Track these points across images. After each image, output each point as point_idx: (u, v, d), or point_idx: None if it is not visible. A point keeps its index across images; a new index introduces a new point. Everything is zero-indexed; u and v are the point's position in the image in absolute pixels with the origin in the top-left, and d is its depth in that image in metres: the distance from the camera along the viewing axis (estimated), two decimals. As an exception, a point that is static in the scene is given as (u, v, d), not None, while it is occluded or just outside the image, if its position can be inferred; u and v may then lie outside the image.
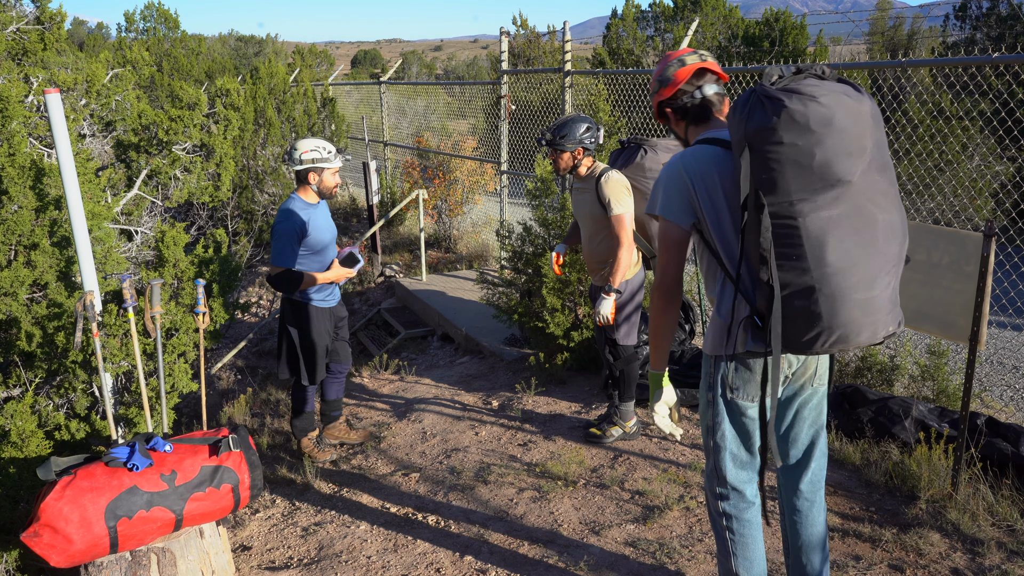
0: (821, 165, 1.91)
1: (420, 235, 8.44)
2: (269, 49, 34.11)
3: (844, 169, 1.92)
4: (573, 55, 7.30)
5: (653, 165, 3.97)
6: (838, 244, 1.95)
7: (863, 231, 1.97)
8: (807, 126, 1.89)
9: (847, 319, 2.00)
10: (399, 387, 5.68)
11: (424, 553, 3.35)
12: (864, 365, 4.75)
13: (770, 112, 1.92)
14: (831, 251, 1.95)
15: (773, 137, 1.92)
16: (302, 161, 3.98)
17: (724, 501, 2.39)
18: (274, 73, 10.89)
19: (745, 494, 2.38)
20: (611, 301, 3.92)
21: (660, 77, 2.36)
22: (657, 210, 2.26)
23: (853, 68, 5.21)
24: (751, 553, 2.39)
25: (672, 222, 2.23)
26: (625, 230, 3.90)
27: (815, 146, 1.90)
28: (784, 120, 1.90)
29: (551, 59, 16.90)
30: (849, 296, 1.98)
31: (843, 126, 1.90)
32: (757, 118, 1.94)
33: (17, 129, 4.44)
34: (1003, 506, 3.29)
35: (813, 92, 1.90)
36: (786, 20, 15.73)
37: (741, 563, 2.39)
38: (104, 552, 2.77)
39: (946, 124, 8.66)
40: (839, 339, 2.03)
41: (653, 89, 2.41)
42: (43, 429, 3.72)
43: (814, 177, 1.92)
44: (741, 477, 2.37)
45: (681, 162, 2.25)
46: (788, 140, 1.91)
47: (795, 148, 1.91)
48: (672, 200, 2.23)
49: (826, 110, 1.89)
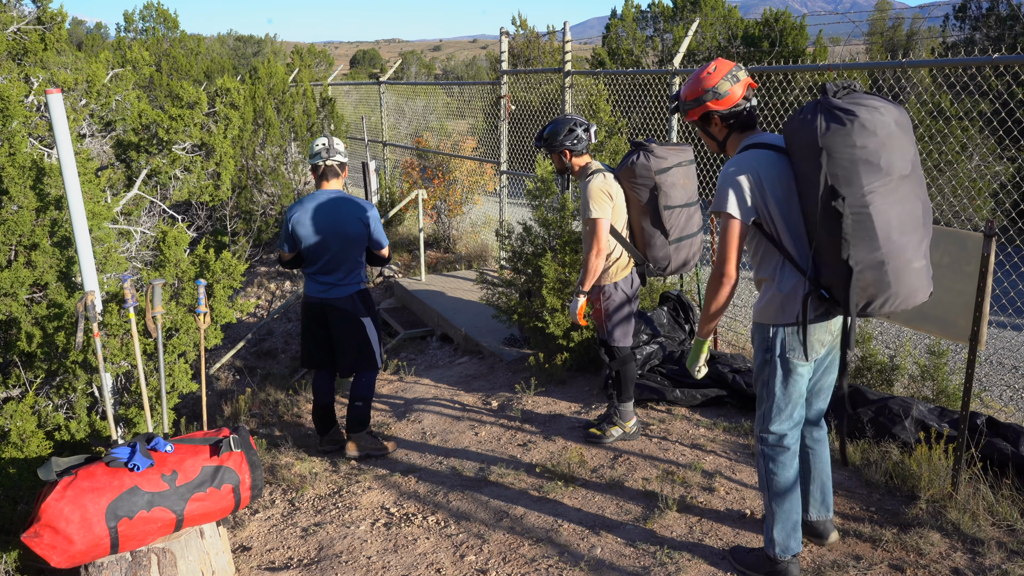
0: (887, 163, 2.39)
1: (419, 235, 8.44)
2: (268, 49, 34.11)
3: (900, 166, 2.41)
4: (573, 55, 7.30)
5: (644, 172, 3.92)
6: (899, 225, 2.44)
7: (913, 214, 2.47)
8: (875, 132, 2.37)
9: (909, 285, 2.50)
10: (398, 387, 5.68)
11: (424, 553, 3.35)
12: (864, 365, 4.75)
13: (846, 121, 2.38)
14: (894, 231, 2.43)
15: (849, 141, 2.37)
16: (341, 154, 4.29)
17: (767, 444, 2.87)
18: (273, 73, 10.89)
19: (786, 437, 2.85)
20: (579, 302, 3.99)
21: (712, 89, 2.75)
22: (726, 208, 2.63)
23: (853, 68, 5.22)
24: (790, 484, 2.88)
25: (739, 219, 2.63)
26: (596, 234, 3.90)
27: (880, 148, 2.37)
28: (857, 128, 2.37)
29: (551, 59, 16.90)
30: (909, 267, 2.49)
31: (896, 132, 2.40)
32: (834, 126, 2.38)
33: (18, 129, 4.44)
34: (1003, 506, 3.30)
35: (874, 104, 2.39)
36: (785, 20, 15.75)
37: (776, 499, 2.86)
38: (105, 552, 2.77)
39: (946, 124, 8.67)
40: (902, 301, 2.53)
41: (699, 98, 2.78)
42: (43, 429, 3.72)
43: (881, 173, 2.39)
44: (783, 426, 2.84)
45: (747, 166, 2.64)
46: (860, 143, 2.37)
47: (866, 150, 2.37)
48: (739, 200, 2.63)
49: (885, 119, 2.38)
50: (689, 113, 2.85)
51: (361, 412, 4.40)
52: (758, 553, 3.03)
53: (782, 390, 2.79)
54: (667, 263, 4.04)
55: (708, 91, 2.77)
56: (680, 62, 6.38)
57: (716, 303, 2.74)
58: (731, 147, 2.86)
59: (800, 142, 2.50)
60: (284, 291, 9.71)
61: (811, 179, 2.47)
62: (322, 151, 4.20)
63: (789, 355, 2.74)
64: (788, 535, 2.88)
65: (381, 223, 4.36)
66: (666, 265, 4.05)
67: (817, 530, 3.15)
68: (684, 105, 2.86)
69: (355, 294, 4.30)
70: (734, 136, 2.82)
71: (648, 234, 4.00)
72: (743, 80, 2.76)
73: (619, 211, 4.01)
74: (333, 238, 4.16)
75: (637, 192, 3.95)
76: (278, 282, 9.91)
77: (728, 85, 2.75)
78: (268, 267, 10.29)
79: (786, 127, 2.59)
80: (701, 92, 2.78)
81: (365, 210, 4.22)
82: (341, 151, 4.24)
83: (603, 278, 4.07)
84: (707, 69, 2.79)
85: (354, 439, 4.39)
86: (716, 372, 4.78)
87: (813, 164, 2.45)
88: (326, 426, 4.52)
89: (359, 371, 4.39)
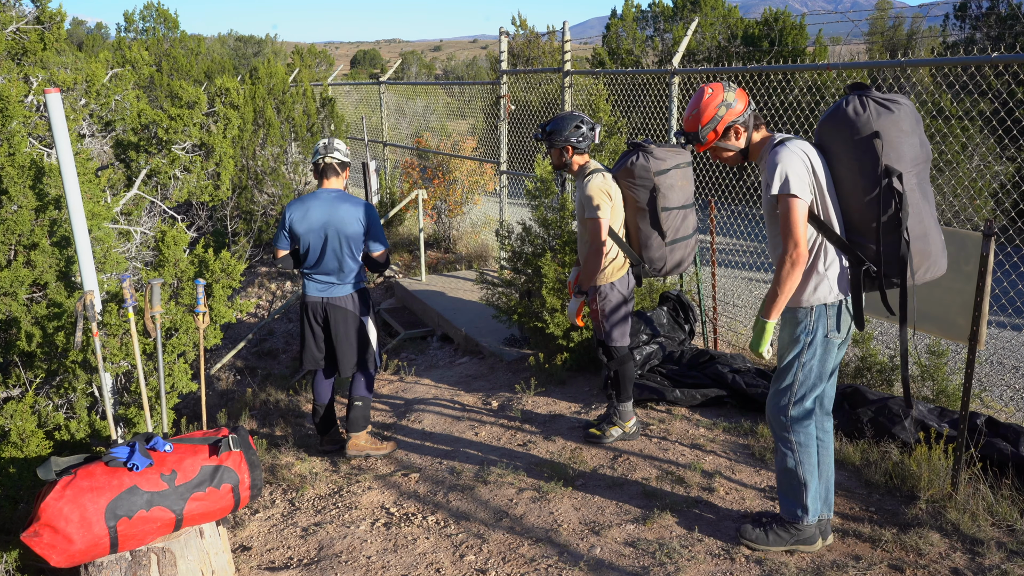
0: (924, 146, 2.74)
1: (419, 235, 8.44)
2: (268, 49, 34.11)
3: (928, 150, 2.77)
4: (572, 55, 7.30)
5: (643, 173, 3.91)
6: (930, 201, 2.78)
7: (930, 191, 2.80)
8: (915, 120, 2.72)
9: (940, 254, 2.82)
10: (398, 387, 5.68)
11: (424, 553, 3.35)
12: (864, 365, 4.75)
13: (895, 110, 2.69)
14: (928, 205, 2.76)
15: (901, 126, 2.68)
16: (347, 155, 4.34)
17: (796, 420, 3.01)
18: (273, 73, 10.88)
19: (813, 412, 3.03)
20: (576, 302, 4.00)
21: (723, 103, 2.94)
22: (791, 190, 2.76)
23: (853, 68, 5.21)
24: (815, 454, 3.06)
25: (801, 199, 2.77)
26: (595, 234, 3.90)
27: (918, 134, 2.73)
28: (903, 116, 2.68)
29: (550, 59, 16.90)
30: (938, 238, 2.81)
31: (920, 121, 2.76)
32: (885, 115, 2.68)
33: (17, 129, 4.43)
34: (1003, 506, 3.30)
35: (905, 100, 2.73)
36: (785, 20, 15.75)
37: (807, 469, 3.03)
38: (104, 552, 2.77)
39: (946, 124, 8.66)
40: (938, 268, 2.84)
41: (715, 116, 2.94)
42: (43, 429, 3.71)
43: (920, 155, 2.73)
44: (811, 403, 3.01)
45: (800, 150, 2.81)
46: (907, 128, 2.69)
47: (911, 136, 2.70)
48: (799, 181, 2.77)
49: (914, 111, 2.73)
50: (708, 137, 2.99)
51: (361, 412, 4.40)
52: (777, 526, 3.16)
53: (820, 368, 2.96)
54: (663, 264, 4.04)
55: (721, 106, 2.94)
56: (680, 62, 6.37)
57: (791, 284, 2.83)
58: (755, 150, 3.01)
59: (850, 129, 2.73)
60: (284, 291, 9.71)
61: (863, 162, 2.72)
62: (321, 148, 4.23)
63: (830, 333, 2.92)
64: (817, 500, 3.09)
65: (381, 224, 4.36)
66: (662, 266, 4.05)
67: (820, 529, 3.17)
68: (702, 131, 2.98)
69: (354, 294, 4.30)
70: (753, 137, 2.99)
71: (645, 235, 3.99)
72: (737, 88, 2.98)
73: (617, 211, 4.01)
74: (331, 236, 4.16)
75: (635, 193, 3.95)
76: (278, 282, 9.91)
77: (732, 95, 2.95)
78: (268, 267, 10.29)
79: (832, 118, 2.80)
80: (715, 111, 2.95)
81: (364, 210, 4.22)
82: (341, 150, 4.25)
83: (599, 278, 4.07)
84: (705, 93, 2.97)
85: (354, 439, 4.39)
86: (716, 372, 4.78)
87: (866, 147, 2.69)
88: (326, 426, 4.52)
89: (359, 371, 4.39)
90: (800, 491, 3.07)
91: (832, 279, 2.87)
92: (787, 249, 2.79)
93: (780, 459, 3.10)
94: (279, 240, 4.28)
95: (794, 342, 2.96)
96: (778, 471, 3.13)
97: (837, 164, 2.82)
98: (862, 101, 2.71)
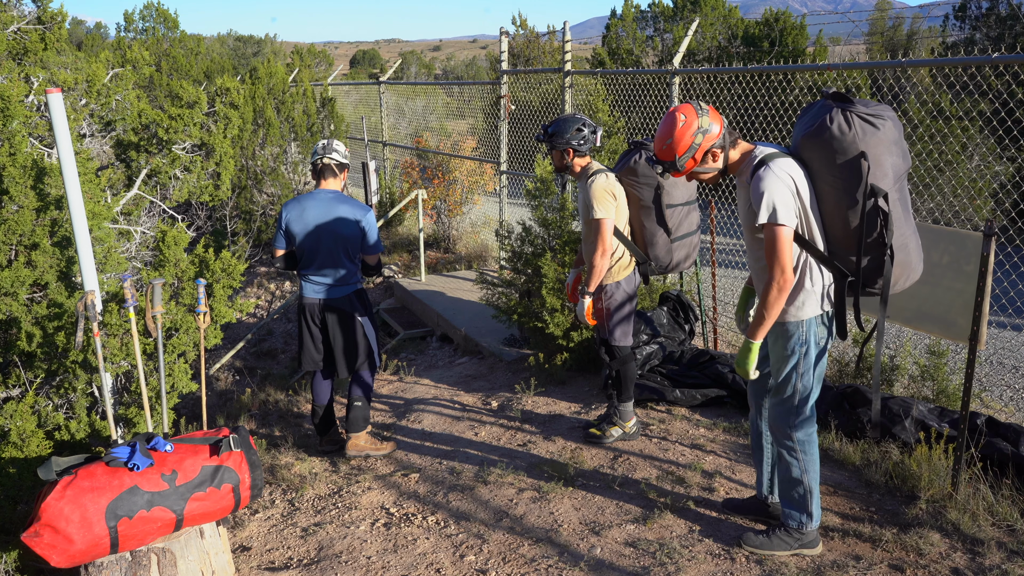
0: (905, 157, 2.72)
1: (419, 235, 8.44)
2: (268, 49, 34.11)
3: (909, 159, 2.75)
4: (573, 55, 7.30)
5: (646, 171, 3.92)
6: (908, 207, 2.78)
7: (907, 196, 2.79)
8: (898, 133, 2.68)
9: (918, 261, 2.85)
10: (398, 387, 5.68)
11: (424, 553, 3.35)
12: (864, 365, 4.75)
13: (880, 127, 2.62)
14: (907, 213, 2.76)
15: (885, 142, 2.63)
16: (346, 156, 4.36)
17: (802, 431, 3.03)
18: (273, 73, 10.88)
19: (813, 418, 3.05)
20: (585, 303, 3.99)
21: (699, 130, 2.84)
22: (779, 220, 2.72)
23: (853, 68, 5.21)
24: (818, 466, 3.08)
25: (788, 227, 2.74)
26: (601, 235, 3.90)
27: (901, 147, 2.69)
28: (887, 131, 2.63)
29: (551, 59, 16.90)
30: (916, 244, 2.83)
31: (902, 131, 2.71)
32: (871, 133, 2.62)
33: (18, 129, 4.43)
34: (1003, 506, 3.30)
35: (889, 112, 2.65)
36: (786, 20, 15.75)
37: (813, 477, 3.06)
38: (104, 552, 2.77)
39: (946, 124, 8.67)
40: (915, 275, 2.86)
41: (692, 144, 2.85)
42: (43, 429, 3.71)
43: (902, 167, 2.70)
44: (811, 410, 3.03)
45: (785, 174, 2.75)
46: (892, 142, 2.64)
47: (895, 149, 2.66)
48: (786, 209, 2.73)
49: (897, 122, 2.69)
50: (687, 165, 2.91)
51: (360, 412, 4.40)
52: (780, 531, 3.17)
53: (815, 377, 2.98)
54: (668, 261, 4.07)
55: (697, 133, 2.85)
56: (680, 62, 6.37)
57: (778, 308, 2.81)
58: (734, 167, 2.94)
59: (835, 150, 2.66)
60: (284, 291, 9.71)
61: (848, 182, 2.66)
62: (320, 149, 4.23)
63: (821, 341, 2.95)
64: (819, 505, 3.14)
65: (377, 227, 4.35)
66: (668, 263, 4.08)
67: (776, 512, 3.33)
68: (679, 160, 2.89)
69: (352, 294, 4.30)
70: (732, 154, 2.91)
71: (650, 232, 4.01)
72: (709, 108, 2.88)
73: (621, 211, 4.01)
74: (327, 237, 4.16)
75: (639, 191, 3.96)
76: (278, 282, 9.92)
77: (707, 119, 2.85)
78: (268, 267, 10.29)
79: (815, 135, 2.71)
80: (691, 139, 2.85)
81: (361, 212, 4.22)
82: (340, 151, 4.25)
83: (605, 277, 4.08)
84: (677, 121, 2.85)
85: (354, 439, 4.39)
86: (716, 372, 4.78)
87: (851, 168, 2.64)
88: (326, 426, 4.52)
89: (358, 371, 4.39)
90: (806, 499, 3.08)
91: (819, 293, 2.89)
92: (774, 276, 2.76)
93: (784, 469, 3.10)
94: (277, 240, 4.29)
95: (789, 356, 2.97)
96: (782, 480, 3.14)
97: (819, 181, 2.77)
98: (847, 118, 2.63)
